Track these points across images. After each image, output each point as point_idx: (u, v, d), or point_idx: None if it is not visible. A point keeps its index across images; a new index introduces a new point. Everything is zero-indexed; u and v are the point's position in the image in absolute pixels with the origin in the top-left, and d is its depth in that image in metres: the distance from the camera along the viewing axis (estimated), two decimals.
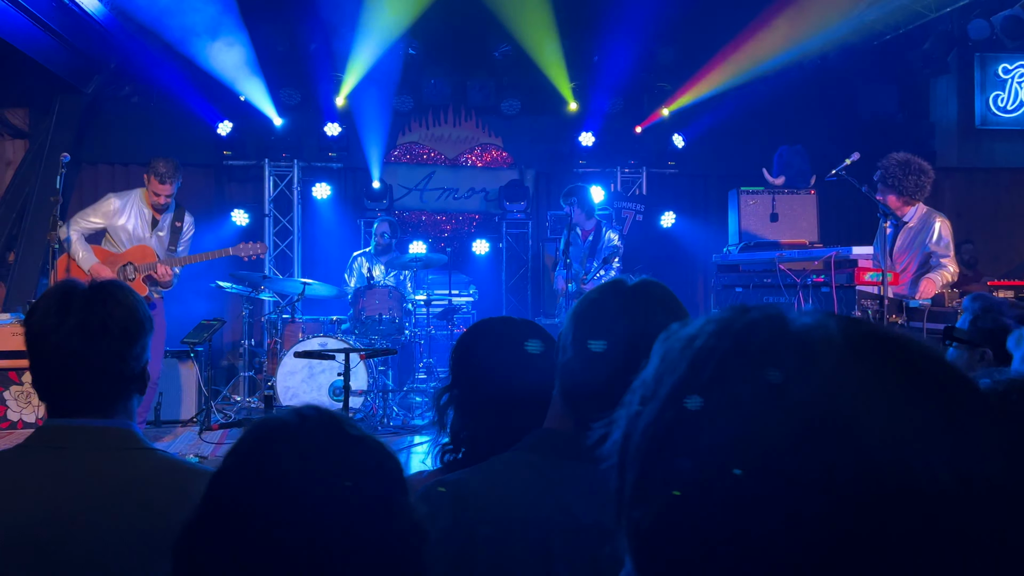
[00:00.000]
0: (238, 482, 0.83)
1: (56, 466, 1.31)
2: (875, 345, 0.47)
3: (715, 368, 0.47)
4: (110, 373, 1.36)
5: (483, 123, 8.48)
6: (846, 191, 6.71)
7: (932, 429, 0.44)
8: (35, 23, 5.96)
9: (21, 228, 7.16)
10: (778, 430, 0.43)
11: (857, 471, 0.42)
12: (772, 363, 0.45)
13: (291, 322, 6.40)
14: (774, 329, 0.48)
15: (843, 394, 0.44)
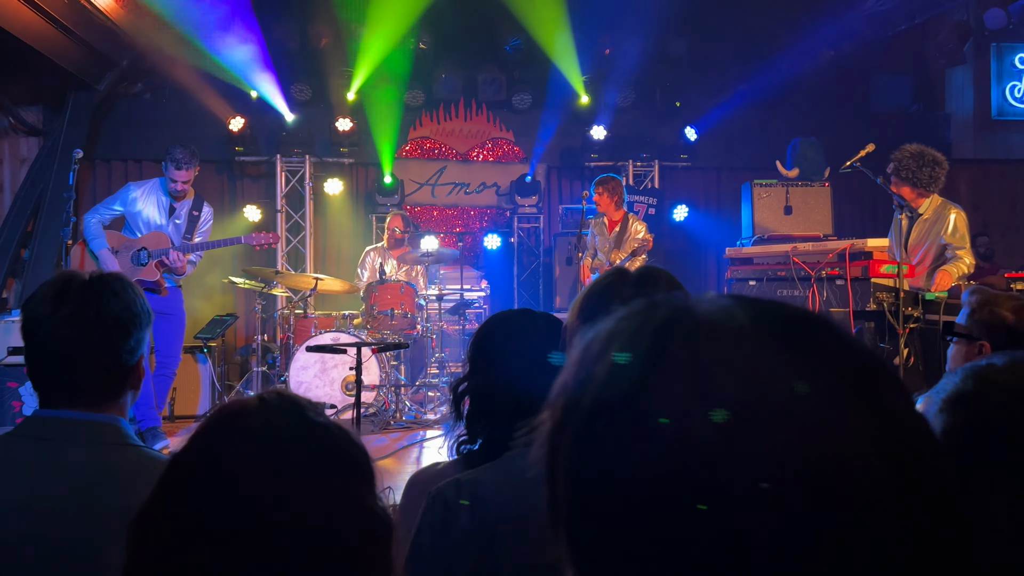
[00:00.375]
0: (194, 463, 0.82)
1: (36, 457, 1.30)
2: (786, 328, 0.46)
3: (635, 377, 0.45)
4: (101, 365, 1.34)
5: (494, 117, 8.46)
6: (861, 183, 6.66)
7: (859, 413, 0.43)
8: (48, 20, 5.98)
9: (36, 225, 7.21)
10: (705, 432, 0.42)
11: (788, 462, 0.41)
12: (692, 363, 0.44)
13: (303, 317, 6.41)
14: (687, 326, 0.46)
15: (760, 385, 0.43)
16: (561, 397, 0.49)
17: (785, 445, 0.41)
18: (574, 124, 8.22)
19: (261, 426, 0.82)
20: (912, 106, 8.85)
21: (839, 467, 0.41)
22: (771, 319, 0.47)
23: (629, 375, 0.45)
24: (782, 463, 0.41)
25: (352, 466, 0.84)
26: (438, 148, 8.41)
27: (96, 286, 1.36)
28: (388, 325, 6.09)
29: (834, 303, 4.68)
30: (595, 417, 0.46)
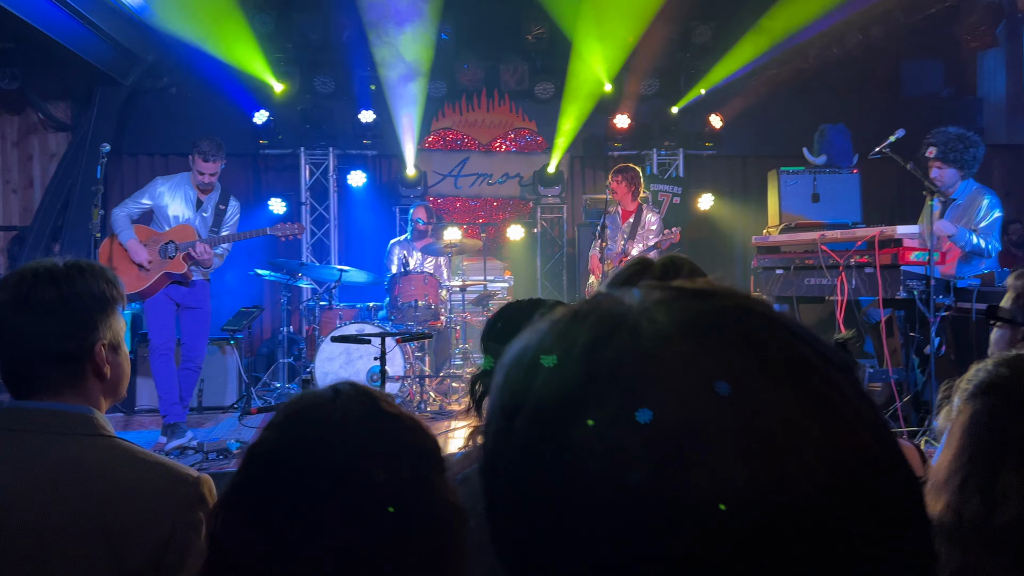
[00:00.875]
0: (272, 454, 0.83)
1: (10, 448, 1.29)
2: (711, 326, 0.42)
3: (567, 399, 0.42)
4: (44, 355, 1.32)
5: (516, 107, 8.43)
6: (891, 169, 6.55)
7: (793, 415, 0.39)
8: (75, 17, 6.05)
9: (65, 219, 7.31)
10: (636, 459, 0.38)
11: (721, 484, 0.37)
12: (620, 383, 0.40)
13: (328, 309, 6.44)
14: (617, 340, 0.42)
15: (685, 397, 0.39)
16: (495, 411, 0.46)
17: (718, 465, 0.37)
18: (597, 113, 8.17)
19: (339, 417, 0.83)
20: (943, 90, 8.68)
21: (776, 481, 0.37)
22: (698, 317, 0.42)
23: (560, 396, 0.42)
24: (717, 486, 0.37)
25: (425, 455, 0.85)
26: (461, 139, 8.40)
27: (40, 274, 1.34)
28: (412, 316, 6.11)
29: (863, 291, 4.61)
30: (527, 438, 0.43)
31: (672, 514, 0.37)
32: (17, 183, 7.78)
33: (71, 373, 1.34)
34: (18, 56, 7.11)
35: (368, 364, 5.92)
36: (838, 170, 6.73)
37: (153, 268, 5.17)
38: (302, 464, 0.80)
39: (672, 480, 0.37)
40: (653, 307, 0.43)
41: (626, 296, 0.45)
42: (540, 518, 0.41)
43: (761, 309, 0.43)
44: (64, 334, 1.33)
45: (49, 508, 1.22)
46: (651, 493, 0.38)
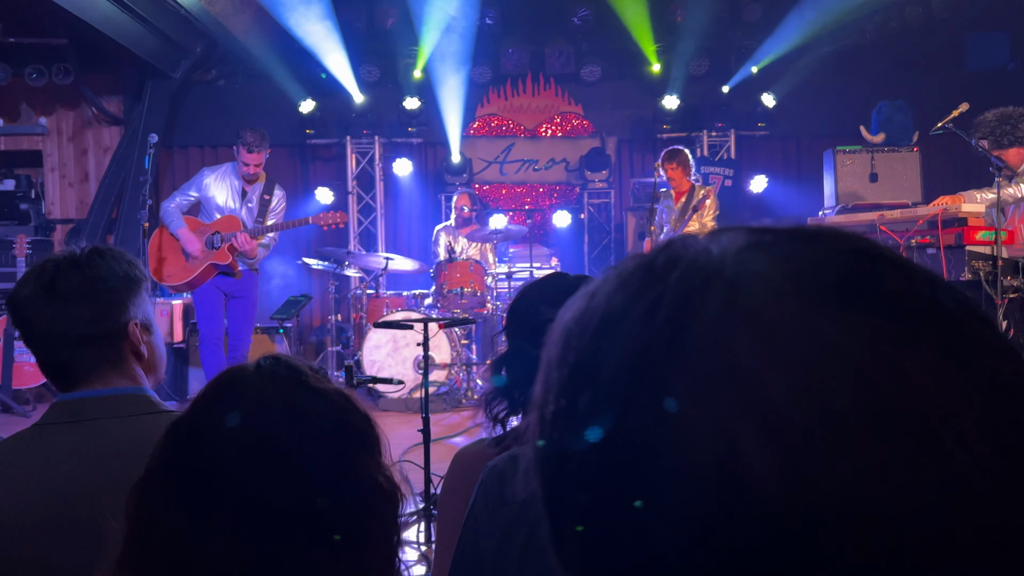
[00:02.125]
0: (189, 429, 0.81)
1: (75, 439, 1.29)
2: (838, 278, 0.33)
3: (649, 371, 0.33)
4: (74, 339, 1.32)
5: (562, 91, 8.32)
6: (953, 146, 6.28)
7: (954, 392, 0.30)
8: (125, 10, 6.13)
9: (119, 211, 7.46)
10: (750, 441, 0.30)
11: (875, 485, 0.29)
12: (727, 357, 0.32)
13: (375, 297, 6.46)
14: (715, 302, 0.33)
15: (818, 376, 0.31)
16: (551, 390, 0.38)
17: (859, 457, 0.30)
18: (645, 95, 8.01)
19: (254, 391, 0.81)
20: (1009, 63, 8.29)
21: (935, 476, 0.29)
22: (811, 267, 0.33)
23: (642, 370, 0.33)
24: (858, 483, 0.29)
25: (349, 432, 0.82)
26: (506, 125, 8.32)
27: (61, 263, 1.34)
28: (458, 303, 6.08)
29: None
30: (599, 422, 0.34)
31: (798, 516, 0.30)
32: (73, 177, 7.97)
33: (110, 355, 1.34)
34: (71, 52, 7.26)
35: (415, 352, 5.91)
36: (897, 148, 6.48)
37: (199, 259, 5.22)
38: (215, 440, 0.78)
39: (797, 475, 0.30)
40: (750, 256, 0.34)
41: (712, 243, 0.36)
42: (617, 520, 0.34)
43: (888, 254, 0.34)
44: (95, 316, 1.32)
45: (120, 491, 1.22)
46: (770, 490, 0.30)
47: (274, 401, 0.80)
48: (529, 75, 8.24)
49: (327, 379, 0.85)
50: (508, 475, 1.15)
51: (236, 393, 0.81)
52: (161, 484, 0.79)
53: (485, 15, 7.62)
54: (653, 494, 0.32)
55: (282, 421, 0.79)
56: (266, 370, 0.83)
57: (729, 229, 0.37)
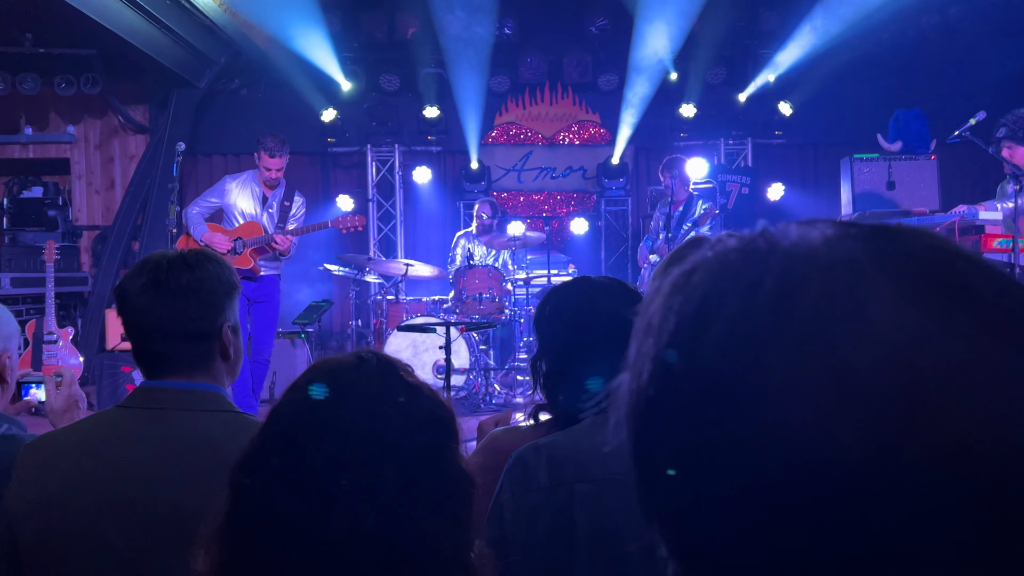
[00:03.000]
0: (293, 415, 0.87)
1: (146, 425, 1.37)
2: (922, 272, 0.37)
3: (752, 348, 0.37)
4: (176, 334, 1.40)
5: (580, 100, 8.39)
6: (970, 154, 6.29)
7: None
8: (151, 22, 6.28)
9: (144, 218, 7.60)
10: (853, 439, 0.34)
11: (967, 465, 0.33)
12: (826, 331, 0.35)
13: (395, 303, 6.54)
14: (815, 286, 0.36)
15: (913, 365, 0.34)
16: (645, 360, 0.41)
17: (952, 428, 0.33)
18: (662, 103, 8.07)
19: (358, 382, 0.87)
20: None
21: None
22: (901, 260, 0.37)
23: (745, 347, 0.36)
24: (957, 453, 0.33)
25: (440, 422, 0.88)
26: (524, 133, 8.41)
27: (175, 261, 1.43)
28: (476, 309, 6.15)
29: None
30: (699, 391, 0.38)
31: (881, 482, 0.33)
32: (99, 184, 8.12)
33: (202, 353, 1.43)
34: (99, 62, 7.41)
35: (435, 356, 5.98)
36: (914, 156, 6.49)
37: None
38: (323, 424, 0.84)
39: (883, 446, 0.33)
40: (844, 246, 0.38)
41: (806, 232, 0.39)
42: (712, 488, 0.37)
43: (964, 251, 0.38)
44: (199, 315, 1.42)
45: (188, 479, 1.29)
46: (858, 461, 0.34)
47: (377, 393, 0.86)
48: (547, 84, 8.33)
49: (415, 374, 0.92)
50: (532, 464, 1.20)
51: (340, 383, 0.87)
52: (265, 466, 0.85)
53: (504, 25, 7.72)
54: (742, 453, 0.36)
55: (384, 411, 0.85)
56: (369, 364, 0.89)
57: (818, 221, 0.41)
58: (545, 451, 1.21)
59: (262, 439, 0.88)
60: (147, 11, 6.06)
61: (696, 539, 0.39)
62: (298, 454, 0.84)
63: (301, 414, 0.87)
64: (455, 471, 0.87)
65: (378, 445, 0.83)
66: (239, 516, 0.85)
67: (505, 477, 1.23)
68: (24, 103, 7.80)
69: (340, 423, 0.84)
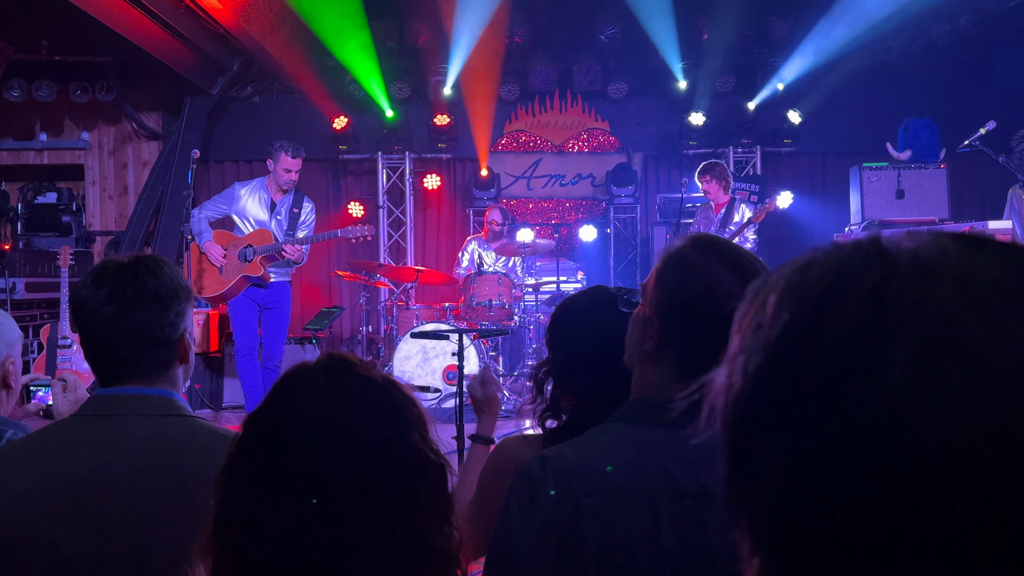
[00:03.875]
0: (260, 419, 0.95)
1: (101, 431, 1.38)
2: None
3: (874, 341, 0.39)
4: (144, 341, 1.40)
5: (589, 107, 8.43)
6: (980, 164, 6.29)
7: None
8: (166, 29, 6.34)
9: (157, 224, 7.66)
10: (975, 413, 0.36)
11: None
12: (964, 329, 0.38)
13: (405, 309, 6.58)
14: (944, 288, 0.39)
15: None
16: (771, 342, 0.42)
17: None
18: (671, 111, 8.10)
19: (315, 382, 0.94)
20: None
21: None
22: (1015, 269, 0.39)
23: (867, 342, 0.38)
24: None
25: (398, 411, 0.94)
26: (533, 141, 8.45)
27: (131, 268, 1.43)
28: (486, 316, 6.18)
29: None
30: (824, 375, 0.39)
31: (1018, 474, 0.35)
32: (113, 190, 8.19)
33: (164, 359, 1.44)
34: (113, 69, 7.49)
35: (445, 362, 6.01)
36: (923, 165, 6.51)
37: (231, 271, 5.36)
38: (283, 422, 0.92)
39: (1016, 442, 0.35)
40: (970, 254, 0.40)
41: (924, 239, 0.42)
42: (823, 474, 0.39)
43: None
44: (166, 322, 1.42)
45: (142, 485, 1.31)
46: (988, 453, 0.36)
47: (330, 388, 0.93)
48: (557, 92, 8.37)
49: (374, 368, 0.99)
50: (537, 476, 1.18)
51: (299, 385, 0.95)
52: (243, 470, 0.92)
53: (514, 33, 7.76)
54: (859, 441, 0.38)
55: (337, 405, 0.92)
56: (323, 364, 0.97)
57: (928, 232, 0.43)
58: (551, 464, 1.19)
59: (238, 445, 0.94)
60: (161, 19, 6.12)
61: (795, 524, 0.40)
62: (267, 457, 0.91)
63: (267, 418, 0.94)
64: (418, 455, 0.93)
65: (331, 436, 0.89)
66: (226, 522, 0.91)
67: (511, 492, 1.21)
68: (39, 110, 7.88)
69: (297, 420, 0.91)
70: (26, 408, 2.22)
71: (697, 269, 1.19)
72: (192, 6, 6.18)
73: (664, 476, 1.14)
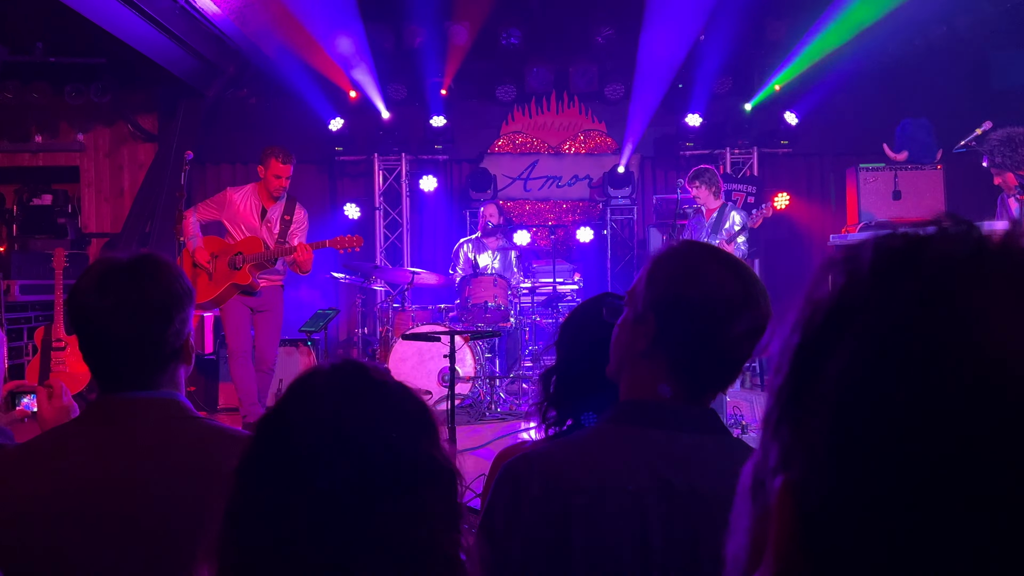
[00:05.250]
0: (274, 423, 0.94)
1: (107, 438, 1.36)
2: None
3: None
4: (150, 348, 1.38)
5: (586, 109, 8.42)
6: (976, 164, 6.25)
7: None
8: (161, 31, 6.32)
9: (152, 226, 7.64)
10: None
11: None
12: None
13: (401, 311, 6.56)
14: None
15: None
16: (806, 343, 0.43)
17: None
18: (668, 113, 8.09)
19: (329, 386, 0.93)
20: None
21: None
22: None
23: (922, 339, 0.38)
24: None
25: (409, 416, 0.94)
26: (530, 142, 8.43)
27: (135, 273, 1.39)
28: (482, 317, 6.16)
29: None
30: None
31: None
32: (108, 192, 8.18)
33: (166, 364, 1.42)
34: (109, 71, 7.47)
35: (440, 364, 6.00)
36: (920, 166, 6.50)
37: (220, 279, 5.32)
38: (297, 425, 0.91)
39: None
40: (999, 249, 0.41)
41: (947, 238, 0.42)
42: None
43: None
44: (170, 330, 1.40)
45: (150, 489, 1.30)
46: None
47: (345, 393, 0.93)
48: (553, 93, 8.35)
49: (387, 374, 0.98)
50: (523, 476, 1.18)
51: (313, 389, 0.94)
52: (257, 470, 0.91)
53: (510, 35, 7.75)
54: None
55: (352, 409, 0.91)
56: (337, 368, 0.96)
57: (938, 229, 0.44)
58: (537, 462, 1.18)
59: (251, 447, 0.93)
60: (156, 20, 6.11)
61: (855, 431, 0.39)
62: (280, 460, 0.90)
63: (281, 420, 0.93)
64: (428, 460, 0.92)
65: (343, 440, 0.89)
66: (235, 524, 0.90)
67: (495, 494, 1.19)
68: (34, 112, 7.87)
69: (311, 424, 0.90)
70: (11, 414, 2.20)
71: (695, 266, 1.19)
72: (187, 8, 6.17)
73: (654, 476, 1.13)
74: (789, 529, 0.41)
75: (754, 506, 0.45)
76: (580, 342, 1.60)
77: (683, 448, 1.16)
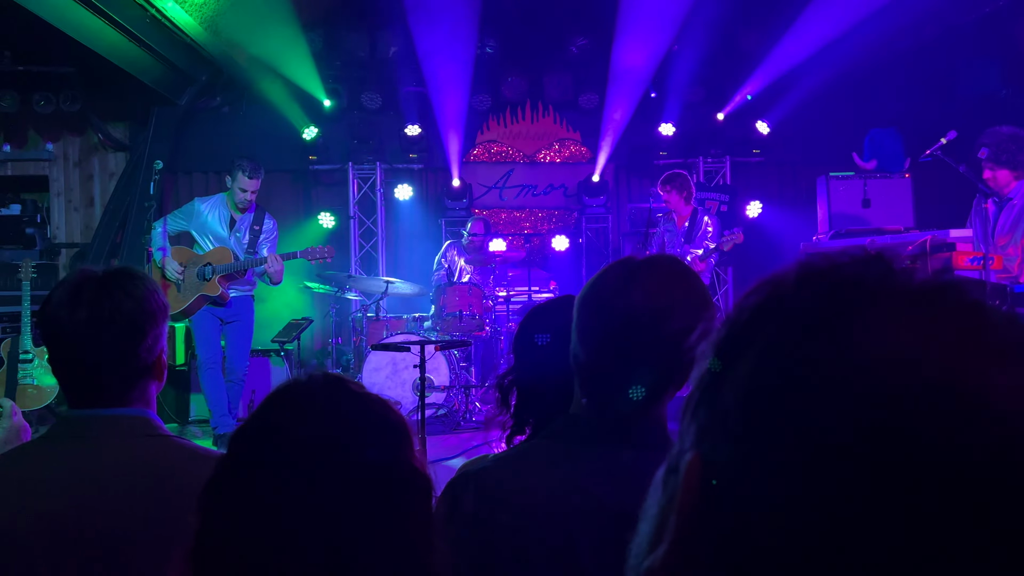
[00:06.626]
0: (251, 435, 0.93)
1: (75, 455, 1.33)
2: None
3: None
4: (122, 364, 1.36)
5: (561, 118, 8.45)
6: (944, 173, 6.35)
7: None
8: (132, 40, 6.27)
9: (123, 236, 7.56)
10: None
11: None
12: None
13: (375, 320, 6.53)
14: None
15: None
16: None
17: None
18: (642, 122, 8.14)
19: (309, 399, 0.93)
20: (1000, 91, 8.42)
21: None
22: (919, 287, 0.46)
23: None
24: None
25: (387, 426, 0.94)
26: (505, 151, 8.45)
27: (109, 287, 1.37)
28: (457, 327, 6.15)
29: None
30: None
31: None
32: (79, 202, 8.08)
33: (137, 381, 1.40)
34: (79, 80, 7.39)
35: (414, 374, 5.95)
36: (889, 174, 6.59)
37: (189, 291, 5.28)
38: (277, 436, 0.90)
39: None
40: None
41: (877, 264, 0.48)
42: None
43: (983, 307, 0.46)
44: (142, 347, 1.38)
45: (122, 511, 1.27)
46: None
47: (325, 405, 0.93)
48: (528, 103, 8.38)
49: (363, 386, 0.99)
50: (459, 493, 1.17)
51: (292, 402, 0.93)
52: (231, 486, 0.90)
53: (485, 44, 7.77)
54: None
55: (333, 420, 0.91)
56: (316, 380, 0.96)
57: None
58: (474, 479, 1.18)
59: (224, 462, 0.92)
60: (126, 29, 6.05)
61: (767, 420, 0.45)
62: (255, 472, 0.89)
63: (258, 434, 0.92)
64: (406, 469, 0.92)
65: (324, 451, 0.88)
66: (208, 538, 0.89)
67: (435, 511, 1.22)
68: (2, 120, 7.76)
69: (289, 437, 0.89)
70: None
71: (604, 287, 1.20)
72: (158, 17, 6.11)
73: (583, 495, 1.12)
74: (694, 497, 0.46)
75: (664, 493, 0.50)
76: (540, 344, 1.55)
77: (620, 468, 1.12)
